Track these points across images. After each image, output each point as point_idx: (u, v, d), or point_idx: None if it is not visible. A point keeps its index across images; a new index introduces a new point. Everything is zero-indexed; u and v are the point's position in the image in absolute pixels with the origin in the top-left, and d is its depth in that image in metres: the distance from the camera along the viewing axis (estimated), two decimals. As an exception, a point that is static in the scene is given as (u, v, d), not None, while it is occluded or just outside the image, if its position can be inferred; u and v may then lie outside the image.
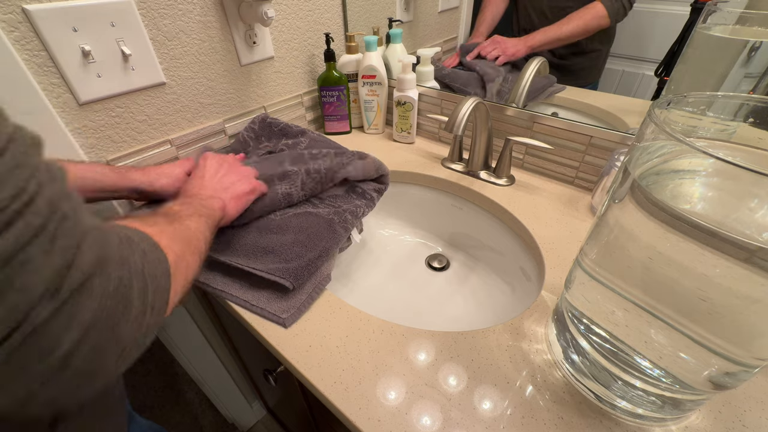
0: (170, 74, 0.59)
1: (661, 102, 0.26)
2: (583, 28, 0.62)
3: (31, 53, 0.46)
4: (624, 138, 0.57)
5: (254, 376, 0.92)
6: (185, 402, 1.26)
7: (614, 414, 0.34)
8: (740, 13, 0.44)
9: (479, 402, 0.35)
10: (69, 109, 0.51)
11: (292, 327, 0.43)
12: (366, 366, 0.39)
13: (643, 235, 0.26)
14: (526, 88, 0.67)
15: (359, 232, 0.61)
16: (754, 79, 0.44)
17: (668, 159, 0.26)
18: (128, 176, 0.49)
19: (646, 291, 0.27)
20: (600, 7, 0.58)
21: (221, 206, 0.43)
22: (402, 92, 0.74)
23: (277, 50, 0.73)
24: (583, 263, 0.33)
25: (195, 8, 0.58)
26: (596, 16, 0.59)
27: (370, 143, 0.82)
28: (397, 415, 0.35)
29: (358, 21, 0.84)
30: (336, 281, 0.62)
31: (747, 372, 0.26)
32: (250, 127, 0.70)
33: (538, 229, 0.55)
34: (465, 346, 0.40)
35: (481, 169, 0.68)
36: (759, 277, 0.21)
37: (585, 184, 0.64)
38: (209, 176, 0.47)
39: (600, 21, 0.59)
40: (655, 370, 0.29)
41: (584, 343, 0.34)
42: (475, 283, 0.65)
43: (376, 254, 0.71)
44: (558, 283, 0.47)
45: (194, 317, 0.80)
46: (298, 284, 0.44)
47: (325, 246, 0.49)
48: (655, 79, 0.56)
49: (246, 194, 0.48)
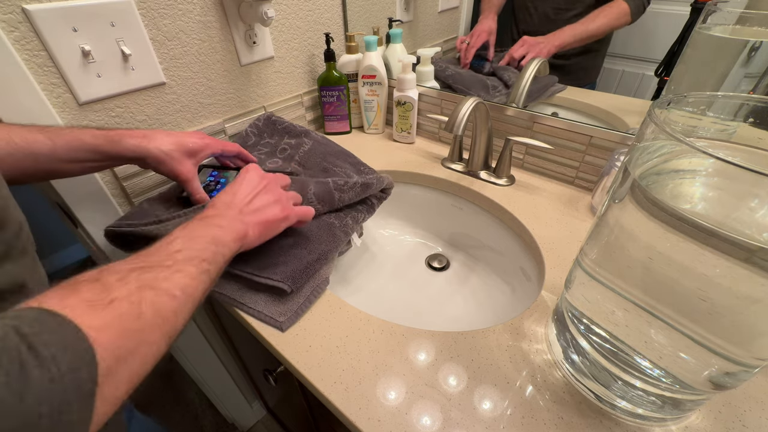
0: (170, 74, 0.59)
1: (661, 102, 0.26)
2: (608, 26, 0.61)
3: (31, 53, 0.46)
4: (624, 138, 0.57)
5: (254, 376, 0.92)
6: (185, 402, 1.26)
7: (614, 414, 0.34)
8: (740, 13, 0.44)
9: (479, 402, 0.35)
10: (69, 109, 0.51)
11: (292, 327, 0.43)
12: (366, 366, 0.39)
13: (643, 235, 0.26)
14: (526, 88, 0.67)
15: (359, 236, 0.61)
16: (754, 79, 0.44)
17: (668, 159, 0.26)
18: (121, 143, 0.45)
19: (646, 291, 0.27)
20: (624, 5, 0.58)
21: (241, 234, 0.38)
22: (402, 92, 0.74)
23: (277, 50, 0.73)
24: (583, 263, 0.33)
25: (195, 8, 0.58)
26: (621, 14, 0.59)
27: (370, 143, 0.82)
28: (397, 415, 0.35)
29: (358, 21, 0.84)
30: (336, 281, 0.62)
31: (747, 372, 0.26)
32: (254, 123, 0.70)
33: (538, 229, 0.55)
34: (465, 346, 0.40)
35: (481, 169, 0.68)
36: (759, 277, 0.21)
37: (585, 184, 0.64)
38: (242, 193, 0.42)
39: (624, 19, 0.59)
40: (655, 370, 0.29)
41: (584, 343, 0.34)
42: (475, 283, 0.65)
43: (376, 254, 0.71)
44: (558, 283, 0.47)
45: (194, 317, 0.80)
46: (296, 287, 0.44)
47: (325, 249, 0.48)
48: (655, 79, 0.56)
49: (277, 221, 0.43)
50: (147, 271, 0.27)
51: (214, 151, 0.53)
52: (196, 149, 0.50)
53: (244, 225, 0.39)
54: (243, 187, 0.43)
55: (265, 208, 0.43)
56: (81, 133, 0.44)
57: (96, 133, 0.45)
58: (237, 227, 0.38)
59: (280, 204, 0.44)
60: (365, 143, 0.82)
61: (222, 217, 0.38)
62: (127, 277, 0.26)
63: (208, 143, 0.52)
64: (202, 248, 0.33)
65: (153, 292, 0.26)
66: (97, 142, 0.44)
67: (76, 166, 0.44)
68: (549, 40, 0.67)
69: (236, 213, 0.40)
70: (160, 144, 0.47)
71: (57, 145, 0.42)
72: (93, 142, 0.44)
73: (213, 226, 0.36)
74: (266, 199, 0.43)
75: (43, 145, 0.41)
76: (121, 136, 0.46)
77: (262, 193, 0.44)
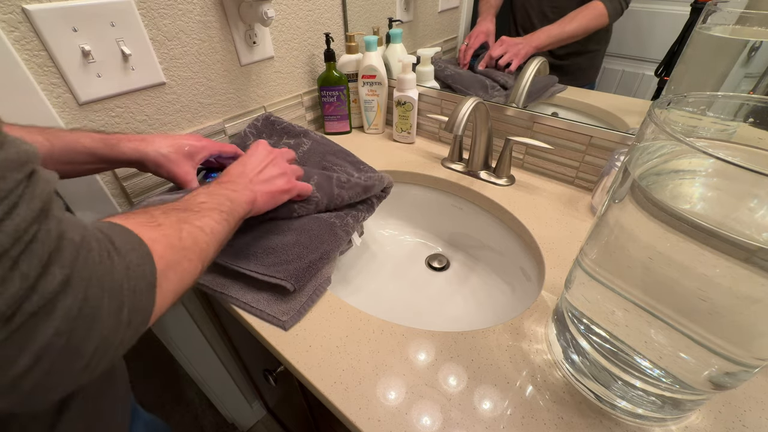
0: (170, 74, 0.59)
1: (661, 102, 0.26)
2: (585, 27, 0.62)
3: (31, 53, 0.46)
4: (624, 138, 0.57)
5: (254, 376, 0.92)
6: (185, 402, 1.26)
7: (614, 414, 0.34)
8: (740, 13, 0.44)
9: (479, 402, 0.35)
10: (69, 109, 0.51)
11: (292, 327, 0.43)
12: (366, 366, 0.39)
13: (643, 235, 0.26)
14: (526, 88, 0.67)
15: (359, 235, 0.61)
16: (754, 79, 0.44)
17: (668, 159, 0.26)
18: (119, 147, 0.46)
19: (646, 291, 0.27)
20: (600, 6, 0.59)
21: (251, 199, 0.43)
22: (402, 92, 0.74)
23: (277, 50, 0.73)
24: (583, 263, 0.33)
25: (195, 8, 0.58)
26: (597, 15, 0.59)
27: (370, 143, 0.82)
28: (397, 415, 0.35)
29: (358, 21, 0.84)
30: (336, 281, 0.62)
31: (747, 372, 0.26)
32: (253, 124, 0.70)
33: (538, 229, 0.55)
34: (465, 346, 0.40)
35: (481, 169, 0.68)
36: (759, 277, 0.21)
37: (585, 184, 0.64)
38: (252, 165, 0.46)
39: (600, 20, 0.60)
40: (655, 370, 0.29)
41: (584, 343, 0.34)
42: (475, 283, 0.65)
43: (377, 254, 0.71)
44: (558, 283, 0.47)
45: (194, 317, 0.80)
46: (299, 286, 0.44)
47: (327, 248, 0.49)
48: (655, 79, 0.56)
49: (281, 192, 0.47)
50: (182, 211, 0.33)
51: (212, 152, 0.54)
52: (193, 151, 0.51)
53: (254, 193, 0.43)
54: (253, 159, 0.47)
55: (272, 179, 0.47)
56: (79, 136, 0.45)
57: (94, 136, 0.45)
58: (248, 193, 0.42)
59: (286, 176, 0.48)
60: (365, 143, 0.82)
61: (235, 183, 0.43)
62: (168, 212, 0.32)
63: (206, 145, 0.53)
64: (221, 202, 0.38)
65: (189, 225, 0.32)
66: (95, 146, 0.45)
67: (73, 167, 0.45)
68: (527, 41, 0.68)
69: (247, 182, 0.44)
70: (158, 147, 0.48)
71: (55, 147, 0.42)
72: (91, 145, 0.45)
73: (228, 189, 0.41)
74: (273, 171, 0.47)
75: (41, 147, 0.42)
76: (119, 140, 0.46)
77: (270, 165, 0.48)
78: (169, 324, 0.78)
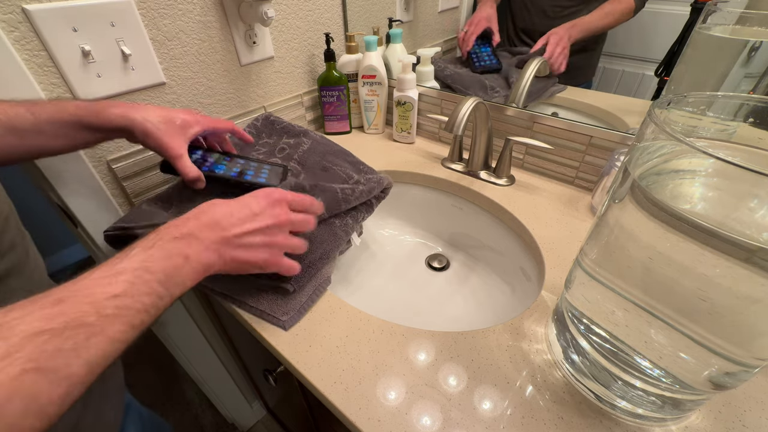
0: (170, 74, 0.59)
1: (661, 102, 0.26)
2: (615, 21, 0.61)
3: (31, 53, 0.46)
4: (624, 138, 0.57)
5: (254, 376, 0.92)
6: (185, 402, 1.26)
7: (614, 414, 0.34)
8: (740, 13, 0.44)
9: (479, 402, 0.35)
10: (69, 109, 0.51)
11: (292, 327, 0.43)
12: (366, 366, 0.39)
13: (643, 235, 0.26)
14: (526, 88, 0.67)
15: (359, 235, 0.61)
16: (754, 79, 0.44)
17: (668, 159, 0.26)
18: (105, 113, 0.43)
19: (646, 291, 0.27)
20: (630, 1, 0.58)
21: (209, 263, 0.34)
22: (402, 92, 0.74)
23: (277, 50, 0.73)
24: (583, 263, 0.33)
25: (195, 8, 0.58)
26: (626, 10, 0.59)
27: (370, 143, 0.82)
28: (397, 415, 0.35)
29: (358, 21, 0.84)
30: (336, 281, 0.62)
31: (747, 372, 0.26)
32: (252, 123, 0.70)
33: (538, 229, 0.55)
34: (465, 346, 0.40)
35: (481, 169, 0.68)
36: (759, 277, 0.21)
37: (585, 184, 0.64)
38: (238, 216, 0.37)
39: (627, 16, 0.59)
40: (655, 370, 0.29)
41: (584, 343, 0.34)
42: (475, 283, 0.65)
43: (376, 254, 0.71)
44: (558, 283, 0.47)
45: (194, 317, 0.80)
46: (298, 286, 0.44)
47: (326, 249, 0.49)
48: (655, 79, 0.56)
49: (253, 266, 0.38)
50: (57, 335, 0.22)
51: (205, 128, 0.50)
52: (185, 125, 0.47)
53: (218, 256, 0.34)
54: (244, 209, 0.37)
55: (251, 248, 0.37)
56: (64, 104, 0.42)
57: (79, 104, 0.43)
58: (205, 258, 0.33)
59: (269, 252, 0.38)
60: (365, 143, 0.82)
61: (197, 239, 0.33)
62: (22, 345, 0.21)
63: (199, 119, 0.49)
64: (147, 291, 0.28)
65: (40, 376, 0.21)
66: (80, 113, 0.42)
67: (61, 141, 0.43)
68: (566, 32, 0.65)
69: (217, 239, 0.34)
70: (147, 115, 0.44)
71: (40, 118, 0.40)
72: (76, 113, 0.42)
73: (175, 256, 0.31)
74: (258, 240, 0.37)
75: (25, 120, 0.39)
76: (106, 106, 0.43)
77: (258, 232, 0.37)
78: (169, 324, 0.78)
